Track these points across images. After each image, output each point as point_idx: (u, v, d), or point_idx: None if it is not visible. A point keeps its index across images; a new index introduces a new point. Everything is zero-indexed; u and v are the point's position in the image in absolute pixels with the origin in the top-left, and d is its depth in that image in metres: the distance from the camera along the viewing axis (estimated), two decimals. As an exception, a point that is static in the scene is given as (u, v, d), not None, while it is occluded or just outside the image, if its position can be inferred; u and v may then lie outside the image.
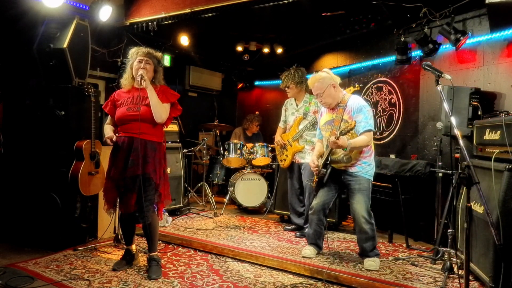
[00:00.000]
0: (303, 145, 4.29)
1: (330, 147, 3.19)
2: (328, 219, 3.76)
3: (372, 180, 3.37)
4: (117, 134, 3.15)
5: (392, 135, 5.00)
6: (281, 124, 4.61)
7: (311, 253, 3.53)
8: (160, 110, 3.03)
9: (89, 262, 3.37)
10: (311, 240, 3.59)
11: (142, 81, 2.97)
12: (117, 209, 3.28)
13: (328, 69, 3.50)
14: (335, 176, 3.37)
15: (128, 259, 3.28)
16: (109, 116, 3.27)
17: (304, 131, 4.26)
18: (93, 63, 4.35)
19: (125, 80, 3.19)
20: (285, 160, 4.46)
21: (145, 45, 3.35)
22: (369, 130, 3.23)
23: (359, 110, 3.26)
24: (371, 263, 3.25)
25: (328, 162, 3.32)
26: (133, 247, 3.35)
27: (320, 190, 3.47)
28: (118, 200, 3.16)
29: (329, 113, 3.47)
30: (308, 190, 4.25)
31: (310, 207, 3.55)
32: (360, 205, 3.26)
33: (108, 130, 3.16)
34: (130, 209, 3.04)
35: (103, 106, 3.30)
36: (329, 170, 3.32)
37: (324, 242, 3.64)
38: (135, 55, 3.13)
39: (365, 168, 3.31)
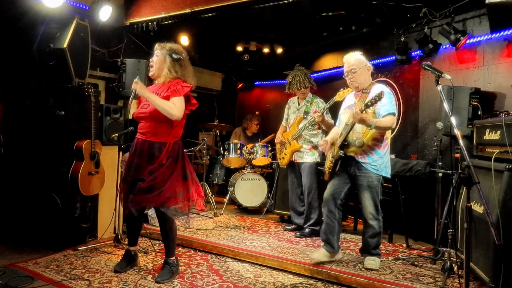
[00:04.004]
0: (301, 144, 4.30)
1: (353, 120, 3.01)
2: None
3: (386, 176, 3.22)
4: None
5: (392, 135, 4.99)
6: (283, 123, 4.62)
7: (319, 256, 3.27)
8: (167, 109, 2.86)
9: (89, 262, 3.37)
10: (322, 236, 3.36)
11: (136, 95, 2.97)
12: (121, 208, 3.23)
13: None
14: (345, 163, 3.23)
15: (129, 260, 3.25)
16: None
17: (303, 130, 4.26)
18: (93, 63, 4.35)
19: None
20: (283, 158, 4.46)
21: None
22: (393, 114, 3.09)
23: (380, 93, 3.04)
24: (371, 262, 3.23)
25: (346, 143, 3.16)
26: (134, 248, 3.33)
27: (331, 179, 3.32)
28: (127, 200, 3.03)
29: (353, 98, 3.37)
30: (307, 189, 4.25)
31: (324, 199, 3.35)
32: (368, 201, 3.19)
33: None
34: (142, 211, 3.02)
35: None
36: (341, 155, 3.15)
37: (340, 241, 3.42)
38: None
39: (376, 161, 3.15)
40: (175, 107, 2.90)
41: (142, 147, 2.98)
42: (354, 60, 3.25)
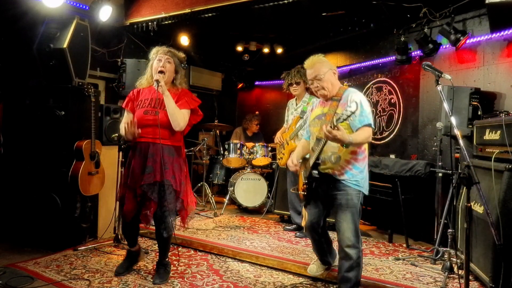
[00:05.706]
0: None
1: (324, 138, 2.53)
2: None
3: (365, 193, 2.75)
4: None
5: (392, 135, 5.00)
6: (284, 124, 4.64)
7: (316, 269, 3.17)
8: (178, 117, 2.84)
9: (89, 262, 3.37)
10: (317, 255, 3.21)
11: (159, 87, 2.82)
12: (117, 212, 3.16)
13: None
14: (321, 183, 2.77)
15: (131, 261, 3.22)
16: (126, 112, 3.04)
17: (299, 130, 4.27)
18: (93, 63, 4.34)
19: (145, 80, 3.02)
20: (282, 158, 4.48)
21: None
22: (369, 125, 2.63)
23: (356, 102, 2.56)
24: None
25: (319, 161, 2.70)
26: (136, 247, 3.28)
27: (307, 204, 2.95)
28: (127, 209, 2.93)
29: (320, 107, 2.91)
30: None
31: (305, 227, 3.07)
32: (347, 224, 2.65)
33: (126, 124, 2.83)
34: (149, 220, 2.87)
35: (123, 105, 3.05)
36: (315, 176, 2.72)
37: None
38: (155, 54, 2.95)
39: (356, 177, 2.69)
40: (184, 119, 2.91)
41: (155, 150, 2.86)
42: (317, 67, 2.81)
